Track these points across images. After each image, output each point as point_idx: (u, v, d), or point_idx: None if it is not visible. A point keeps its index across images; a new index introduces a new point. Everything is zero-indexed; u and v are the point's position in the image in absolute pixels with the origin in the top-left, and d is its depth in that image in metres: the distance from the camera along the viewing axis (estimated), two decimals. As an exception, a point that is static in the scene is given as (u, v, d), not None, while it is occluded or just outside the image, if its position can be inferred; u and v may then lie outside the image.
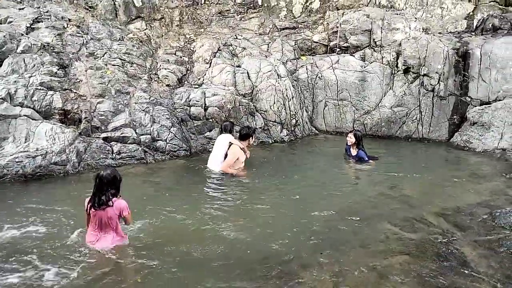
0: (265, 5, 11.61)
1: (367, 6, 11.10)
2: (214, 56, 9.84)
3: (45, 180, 6.55)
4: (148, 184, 6.57)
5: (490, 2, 10.33)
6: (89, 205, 4.25)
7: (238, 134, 7.52)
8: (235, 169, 6.90)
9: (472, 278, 3.89)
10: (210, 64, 9.66)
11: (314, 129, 10.08)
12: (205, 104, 8.62)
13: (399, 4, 10.94)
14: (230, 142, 7.01)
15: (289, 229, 4.94)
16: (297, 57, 10.46)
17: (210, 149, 7.69)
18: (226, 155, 6.96)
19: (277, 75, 9.64)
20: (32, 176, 6.55)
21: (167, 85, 8.97)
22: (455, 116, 9.42)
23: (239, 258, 4.27)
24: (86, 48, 8.71)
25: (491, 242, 4.60)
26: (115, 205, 4.25)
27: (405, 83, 9.69)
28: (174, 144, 7.95)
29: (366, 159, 7.60)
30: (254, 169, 7.20)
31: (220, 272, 4.00)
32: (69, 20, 9.15)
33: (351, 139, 7.69)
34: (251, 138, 7.28)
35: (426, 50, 9.46)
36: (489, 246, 4.52)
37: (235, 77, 9.38)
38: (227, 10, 11.51)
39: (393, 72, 9.84)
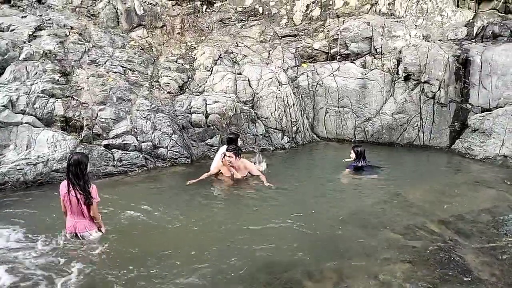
0: (266, 13, 11.68)
1: (368, 13, 11.16)
2: (215, 64, 9.87)
3: (46, 187, 6.55)
4: (149, 190, 6.56)
5: (489, 9, 10.36)
6: None
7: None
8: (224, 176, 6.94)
9: (475, 286, 3.87)
10: (211, 71, 9.70)
11: (315, 136, 10.09)
12: (206, 111, 8.64)
13: (399, 12, 11.00)
14: (223, 153, 7.07)
15: (291, 237, 4.92)
16: (297, 64, 10.49)
17: (211, 156, 7.91)
18: None
19: (278, 82, 9.67)
20: (33, 183, 6.55)
21: (169, 93, 8.99)
22: (456, 123, 9.42)
23: (241, 265, 4.25)
24: (88, 56, 8.76)
25: (494, 250, 4.58)
26: None
27: (405, 90, 9.70)
28: (175, 151, 7.96)
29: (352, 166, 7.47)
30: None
31: (222, 280, 3.98)
32: (71, 27, 9.21)
33: (352, 155, 7.54)
34: (224, 155, 6.82)
35: (427, 57, 9.49)
36: (492, 253, 4.50)
37: (236, 84, 9.41)
38: (228, 18, 11.58)
39: (394, 79, 9.86)
